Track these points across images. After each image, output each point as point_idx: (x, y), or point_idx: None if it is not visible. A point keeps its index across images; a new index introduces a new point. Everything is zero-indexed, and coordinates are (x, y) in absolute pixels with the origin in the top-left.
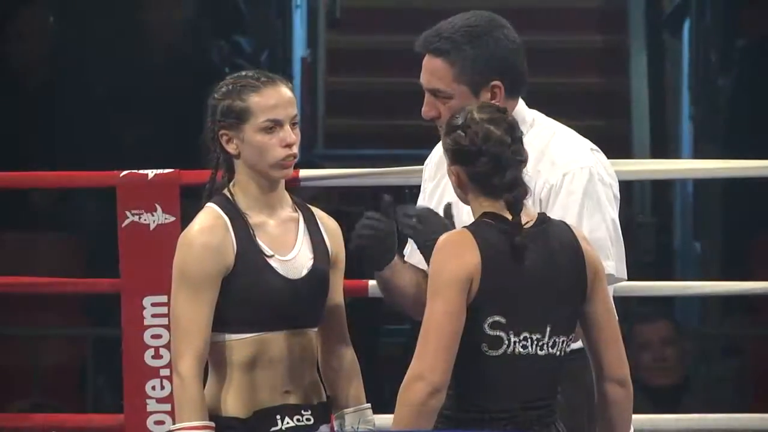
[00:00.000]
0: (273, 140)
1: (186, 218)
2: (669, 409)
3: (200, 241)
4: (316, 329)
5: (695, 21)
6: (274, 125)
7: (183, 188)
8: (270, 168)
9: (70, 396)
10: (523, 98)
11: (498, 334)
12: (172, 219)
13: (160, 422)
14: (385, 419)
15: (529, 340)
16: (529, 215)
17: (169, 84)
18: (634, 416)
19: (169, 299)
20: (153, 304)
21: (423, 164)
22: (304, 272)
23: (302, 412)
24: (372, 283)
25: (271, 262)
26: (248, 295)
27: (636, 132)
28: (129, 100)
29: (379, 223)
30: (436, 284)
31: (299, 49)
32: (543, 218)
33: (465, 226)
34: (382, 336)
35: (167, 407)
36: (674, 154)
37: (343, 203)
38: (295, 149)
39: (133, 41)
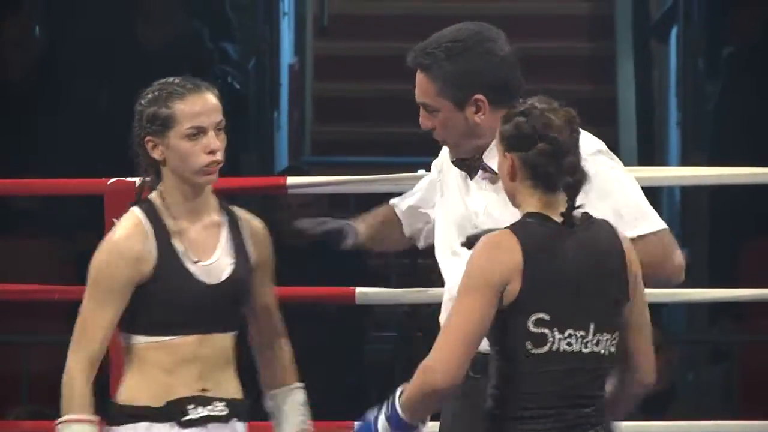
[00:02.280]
0: (197, 147)
1: None
2: (656, 416)
3: (118, 250)
4: (234, 333)
5: (683, 28)
6: (198, 132)
7: None
8: (194, 174)
9: (58, 403)
10: None
11: (542, 331)
12: None
13: None
14: None
15: (573, 337)
16: (574, 215)
17: None
18: (621, 423)
19: None
20: None
21: (411, 171)
22: (223, 277)
23: (216, 403)
24: (359, 290)
25: (191, 267)
26: (166, 299)
27: (623, 139)
28: (116, 108)
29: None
30: (469, 283)
31: (287, 56)
32: (587, 217)
33: (508, 226)
34: (369, 343)
35: None
36: (661, 161)
37: (332, 210)
38: (219, 156)
39: (119, 49)
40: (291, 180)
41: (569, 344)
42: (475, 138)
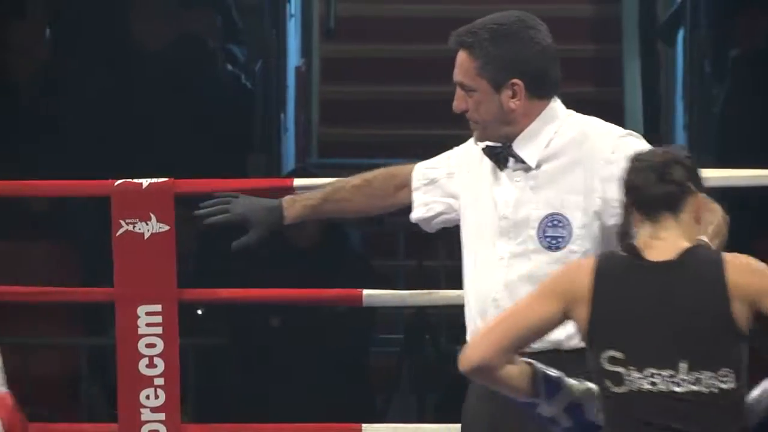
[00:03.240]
0: None
1: (181, 227)
2: None
3: None
4: None
5: (689, 30)
6: None
7: (177, 197)
8: None
9: (64, 406)
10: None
11: (617, 369)
12: (167, 228)
13: (154, 431)
14: (377, 429)
15: (658, 376)
16: (674, 249)
17: (164, 93)
18: None
19: (164, 308)
20: (147, 314)
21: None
22: None
23: None
24: (366, 292)
25: None
26: None
27: None
28: (123, 110)
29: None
30: (539, 289)
31: (293, 58)
32: (689, 250)
33: (598, 254)
34: (375, 345)
35: (161, 416)
36: None
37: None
38: None
39: (127, 51)
40: (298, 182)
41: (653, 384)
42: (505, 124)
